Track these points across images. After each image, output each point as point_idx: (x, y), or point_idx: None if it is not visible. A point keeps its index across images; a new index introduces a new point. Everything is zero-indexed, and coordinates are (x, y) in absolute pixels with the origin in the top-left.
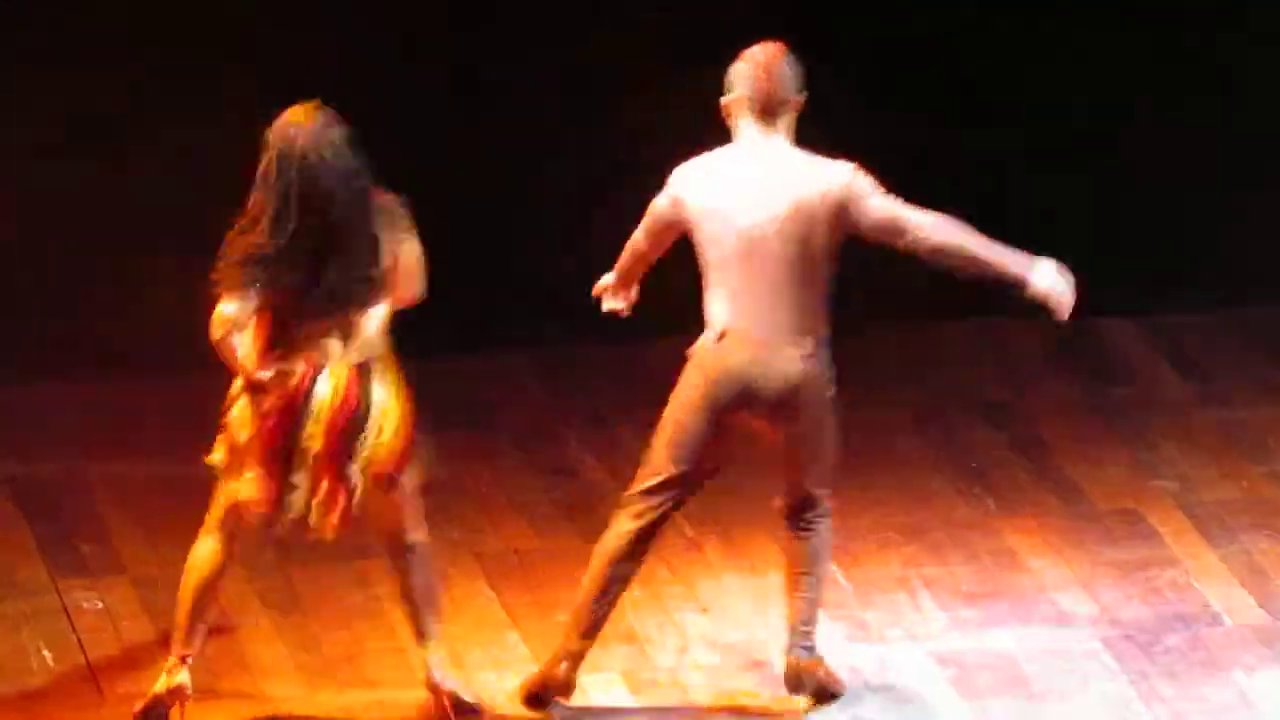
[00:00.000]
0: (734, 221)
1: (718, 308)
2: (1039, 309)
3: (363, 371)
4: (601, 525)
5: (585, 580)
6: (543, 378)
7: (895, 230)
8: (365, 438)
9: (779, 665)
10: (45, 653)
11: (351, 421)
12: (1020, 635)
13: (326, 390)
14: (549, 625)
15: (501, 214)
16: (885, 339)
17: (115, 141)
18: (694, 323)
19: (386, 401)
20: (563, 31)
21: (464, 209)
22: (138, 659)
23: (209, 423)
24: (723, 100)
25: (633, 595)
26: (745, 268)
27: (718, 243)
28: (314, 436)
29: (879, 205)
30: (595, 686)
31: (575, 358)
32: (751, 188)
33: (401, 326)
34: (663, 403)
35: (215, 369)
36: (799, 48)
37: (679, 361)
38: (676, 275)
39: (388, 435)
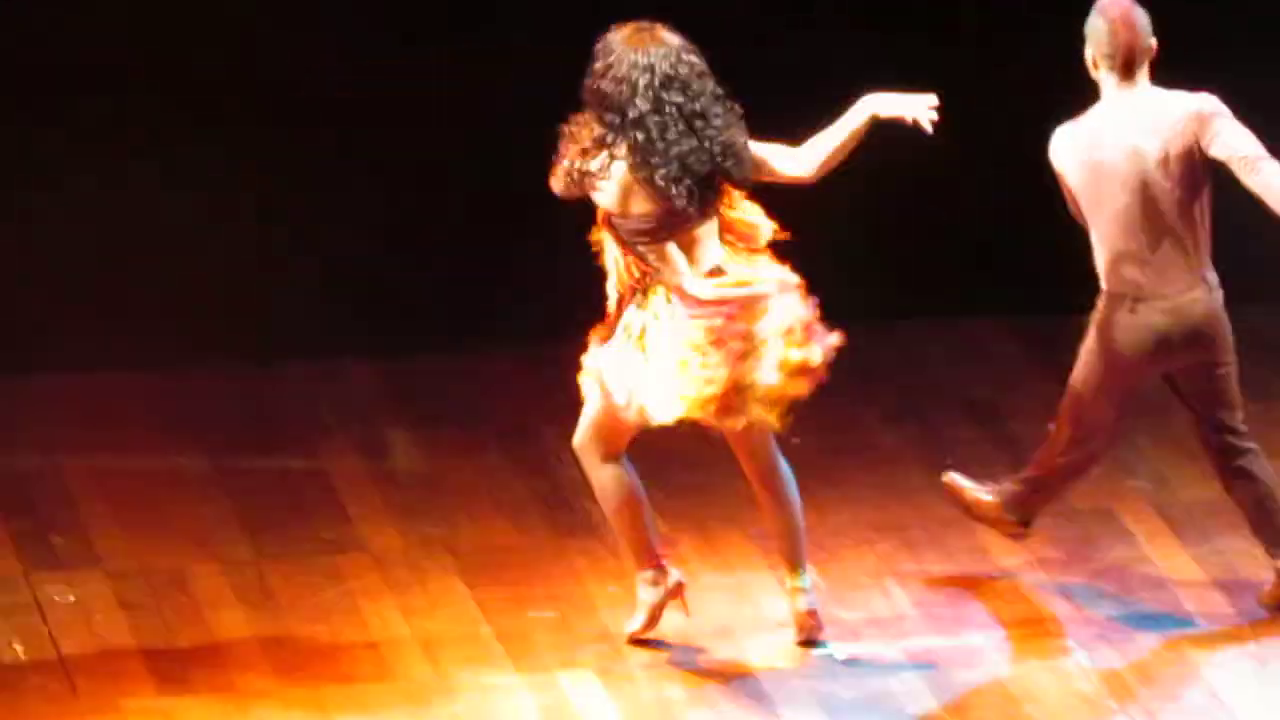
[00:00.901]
0: (1116, 177)
1: (1117, 269)
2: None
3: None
4: (579, 521)
5: None
6: (526, 376)
7: (1238, 159)
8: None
9: (755, 661)
10: (17, 646)
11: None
12: (995, 634)
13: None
14: (523, 622)
15: (489, 215)
16: (865, 335)
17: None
18: None
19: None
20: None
21: (453, 209)
22: (110, 652)
23: (186, 417)
24: (1091, 53)
25: (606, 592)
26: (1139, 220)
27: (1104, 202)
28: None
29: (1226, 128)
30: (570, 682)
31: (560, 357)
32: (1126, 141)
33: (385, 326)
34: None
35: (196, 364)
36: None
37: None
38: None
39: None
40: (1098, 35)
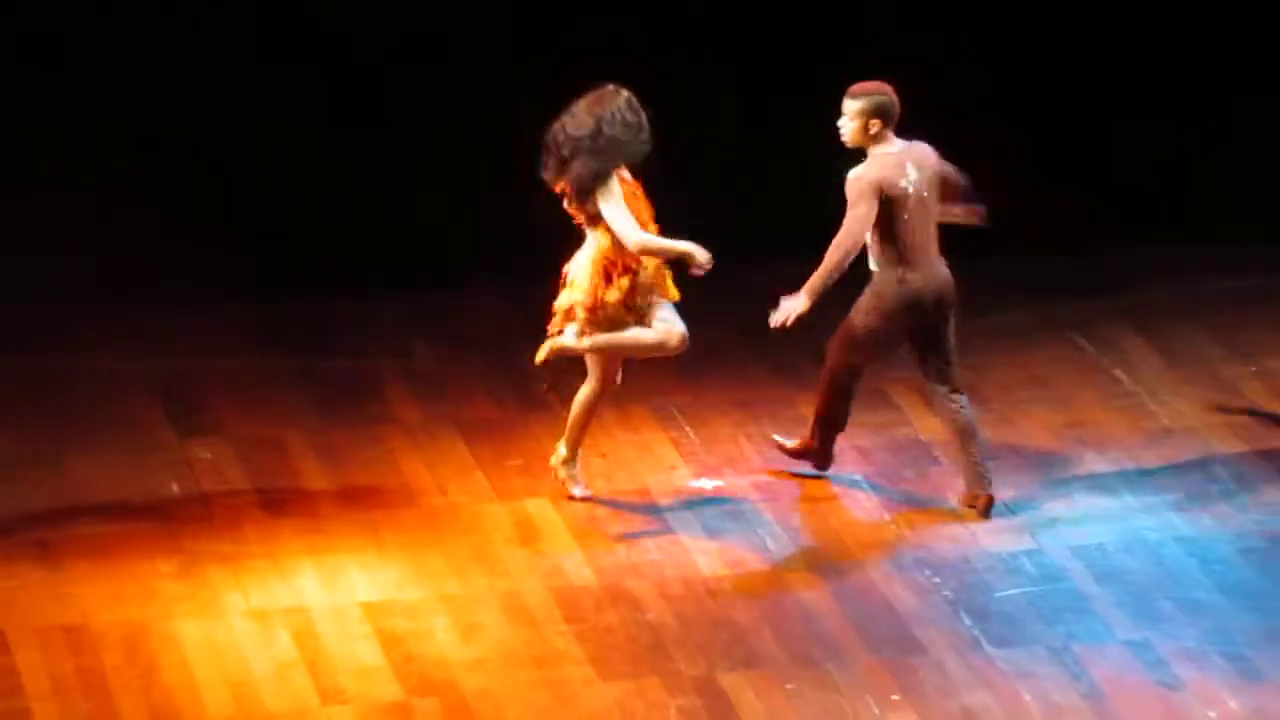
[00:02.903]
0: (906, 199)
1: (899, 255)
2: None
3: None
4: (538, 401)
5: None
6: (508, 306)
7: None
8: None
9: (654, 492)
10: (174, 486)
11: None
12: (810, 470)
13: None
14: (504, 469)
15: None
16: (731, 275)
17: None
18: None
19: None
20: None
21: (446, 163)
22: (234, 491)
23: (278, 333)
24: (877, 121)
25: (555, 448)
26: (918, 223)
27: (902, 211)
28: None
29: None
30: (532, 506)
31: (530, 293)
32: (908, 175)
33: (411, 269)
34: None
35: (286, 297)
36: None
37: None
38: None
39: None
40: (889, 108)
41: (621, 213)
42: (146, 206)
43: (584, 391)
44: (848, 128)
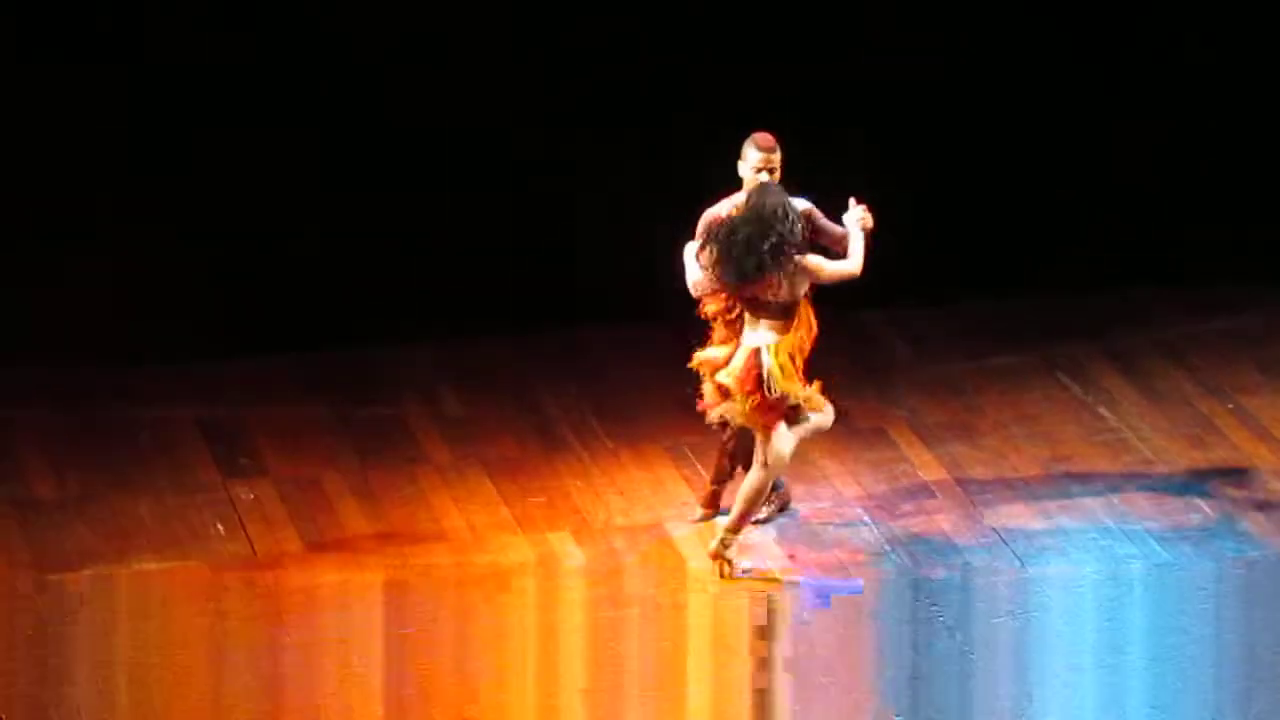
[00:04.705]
0: None
1: None
2: None
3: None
4: (561, 443)
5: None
6: (527, 354)
7: None
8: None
9: (667, 524)
10: (219, 526)
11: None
12: (811, 506)
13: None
14: (525, 504)
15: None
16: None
17: None
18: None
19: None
20: None
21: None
22: (276, 529)
23: (315, 381)
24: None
25: (576, 484)
26: None
27: None
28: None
29: None
30: (554, 539)
31: (546, 343)
32: None
33: (440, 321)
34: (588, 377)
35: (321, 347)
36: None
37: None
38: None
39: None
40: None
41: (828, 261)
42: (186, 261)
43: (752, 477)
44: (772, 176)
